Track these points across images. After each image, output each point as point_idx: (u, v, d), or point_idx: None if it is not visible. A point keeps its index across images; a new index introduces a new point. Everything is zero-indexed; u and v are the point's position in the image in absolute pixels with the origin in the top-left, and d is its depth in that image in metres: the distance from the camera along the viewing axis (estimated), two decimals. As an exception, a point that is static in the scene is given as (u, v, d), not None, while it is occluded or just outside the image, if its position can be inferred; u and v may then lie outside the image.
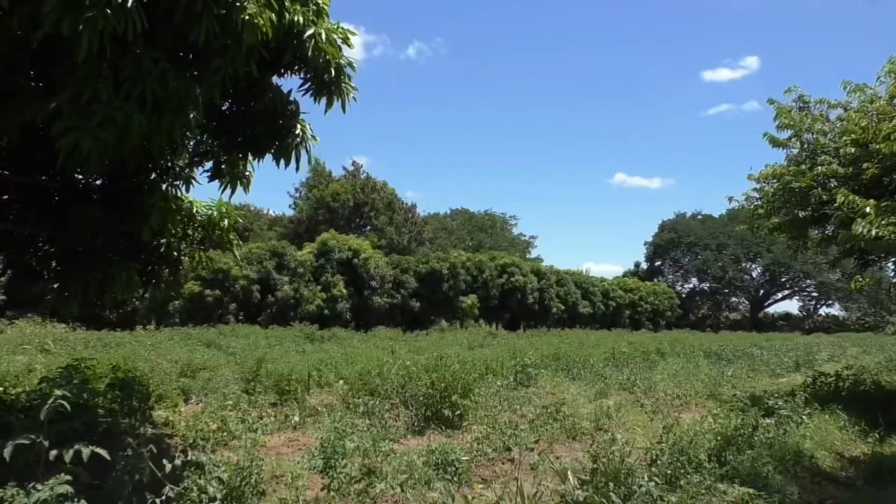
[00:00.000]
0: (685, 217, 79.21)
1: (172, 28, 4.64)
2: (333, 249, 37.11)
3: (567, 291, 50.62)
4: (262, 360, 12.35)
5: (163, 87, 4.54)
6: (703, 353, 21.58)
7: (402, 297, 39.28)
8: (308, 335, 26.69)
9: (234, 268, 32.38)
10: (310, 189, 54.33)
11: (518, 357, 14.82)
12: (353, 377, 11.90)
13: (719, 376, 15.11)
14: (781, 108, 13.06)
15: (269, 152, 6.44)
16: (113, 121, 4.33)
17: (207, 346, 19.34)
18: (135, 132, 4.42)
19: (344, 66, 5.91)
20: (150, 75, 4.45)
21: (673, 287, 71.48)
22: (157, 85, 4.48)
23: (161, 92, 4.55)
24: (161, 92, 4.55)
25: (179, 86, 4.64)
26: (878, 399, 11.72)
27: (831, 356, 24.36)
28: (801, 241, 14.22)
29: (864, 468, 7.73)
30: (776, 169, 13.27)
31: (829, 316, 77.60)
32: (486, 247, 62.54)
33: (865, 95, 12.05)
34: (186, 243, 7.93)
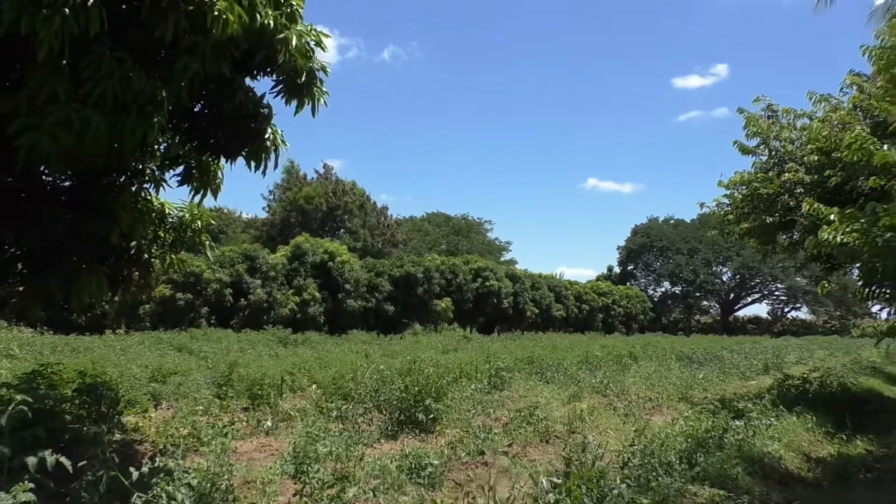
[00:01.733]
0: (657, 221, 79.98)
1: (140, 25, 4.57)
2: (307, 252, 36.87)
3: (541, 295, 50.83)
4: (235, 365, 12.21)
5: (125, 88, 4.46)
6: (674, 357, 21.79)
7: (376, 301, 39.12)
8: (281, 339, 26.46)
9: (207, 271, 32.00)
10: (283, 192, 53.95)
11: (492, 361, 14.84)
12: (326, 381, 11.82)
13: (691, 379, 15.27)
14: (750, 116, 13.33)
15: (241, 155, 6.38)
16: (68, 122, 4.26)
17: (179, 350, 19.08)
18: (94, 134, 4.34)
19: (316, 69, 5.88)
20: (111, 76, 4.37)
21: (645, 291, 72.15)
22: (119, 86, 4.40)
23: (123, 93, 4.47)
24: (123, 93, 4.47)
25: (144, 87, 4.57)
26: (844, 401, 11.94)
27: (799, 359, 24.73)
28: (769, 246, 14.49)
29: (830, 469, 7.85)
30: (745, 176, 13.52)
31: (797, 319, 78.92)
32: (462, 250, 62.57)
33: (830, 105, 12.34)
34: (157, 246, 7.83)
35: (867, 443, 9.24)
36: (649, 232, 77.75)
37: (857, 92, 11.85)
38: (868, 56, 10.55)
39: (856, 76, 12.45)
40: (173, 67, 4.89)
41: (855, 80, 12.33)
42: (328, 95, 6.12)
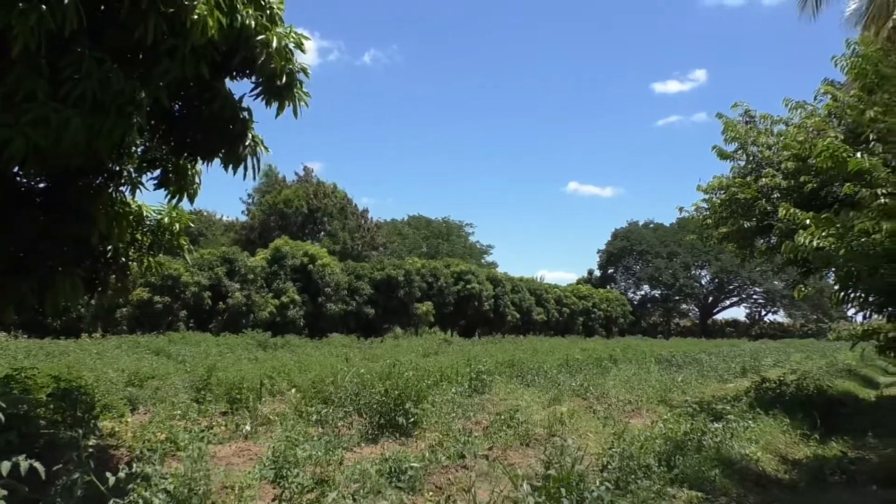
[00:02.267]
0: (637, 225, 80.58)
1: (120, 26, 4.52)
2: (287, 255, 36.71)
3: (522, 298, 50.98)
4: (213, 369, 12.11)
5: (104, 88, 4.41)
6: (654, 360, 21.96)
7: (356, 304, 39.02)
8: (260, 342, 26.31)
9: (185, 274, 31.72)
10: (262, 195, 53.65)
11: (473, 364, 14.85)
12: (306, 385, 11.76)
13: (670, 382, 15.38)
14: (728, 121, 13.49)
15: (219, 157, 6.33)
16: (46, 121, 4.20)
17: (156, 354, 18.88)
18: (72, 135, 4.29)
19: (296, 71, 5.85)
20: (91, 76, 4.32)
21: (625, 294, 72.61)
22: (99, 86, 4.35)
23: (102, 94, 4.42)
24: (102, 94, 4.42)
25: (123, 88, 4.52)
26: (820, 403, 12.08)
27: (776, 362, 25.01)
28: (747, 250, 14.66)
29: (805, 470, 7.94)
30: (723, 180, 13.68)
31: (774, 322, 79.90)
32: (443, 254, 62.60)
33: (806, 111, 12.53)
34: (135, 248, 7.74)
35: (842, 444, 9.35)
36: (629, 236, 78.31)
37: (831, 100, 12.05)
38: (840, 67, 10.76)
39: (829, 85, 12.66)
40: (152, 69, 4.85)
41: (829, 88, 12.55)
42: (309, 97, 6.09)
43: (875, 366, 24.55)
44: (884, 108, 9.34)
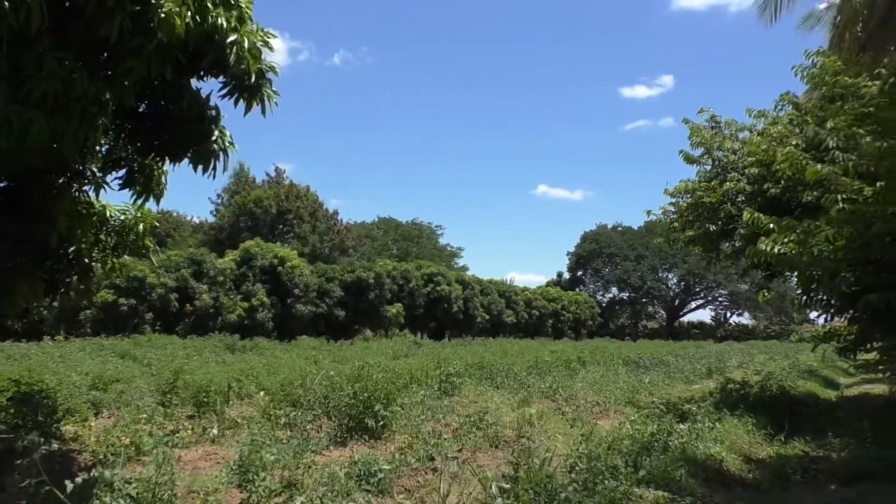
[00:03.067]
0: (606, 228, 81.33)
1: (84, 24, 4.44)
2: (256, 257, 36.38)
3: (491, 300, 51.14)
4: (180, 372, 11.94)
5: (67, 89, 4.32)
6: (622, 361, 22.16)
7: (326, 306, 38.79)
8: (228, 345, 26.05)
9: (151, 276, 31.24)
10: (232, 195, 53.09)
11: (443, 366, 14.85)
12: (274, 388, 11.65)
13: (637, 383, 15.53)
14: (694, 127, 13.74)
15: (187, 157, 6.26)
16: (8, 123, 4.10)
17: (121, 357, 18.60)
18: (34, 137, 4.19)
19: (266, 70, 5.80)
20: (54, 76, 4.23)
21: (594, 296, 73.24)
22: (62, 87, 4.26)
23: (65, 95, 4.32)
24: (65, 95, 4.32)
25: (87, 89, 4.43)
26: (783, 403, 12.29)
27: (741, 363, 25.37)
28: (713, 253, 14.90)
29: (769, 470, 8.07)
30: (689, 184, 13.90)
31: (739, 324, 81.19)
32: (413, 256, 62.55)
33: (768, 119, 12.84)
34: (98, 249, 7.61)
35: (804, 444, 9.53)
36: (598, 238, 79.01)
37: (793, 109, 12.35)
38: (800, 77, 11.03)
39: (786, 94, 12.98)
40: (118, 68, 4.76)
41: (788, 98, 12.86)
42: (279, 96, 6.05)
43: (836, 367, 25.07)
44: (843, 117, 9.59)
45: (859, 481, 7.39)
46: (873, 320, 9.45)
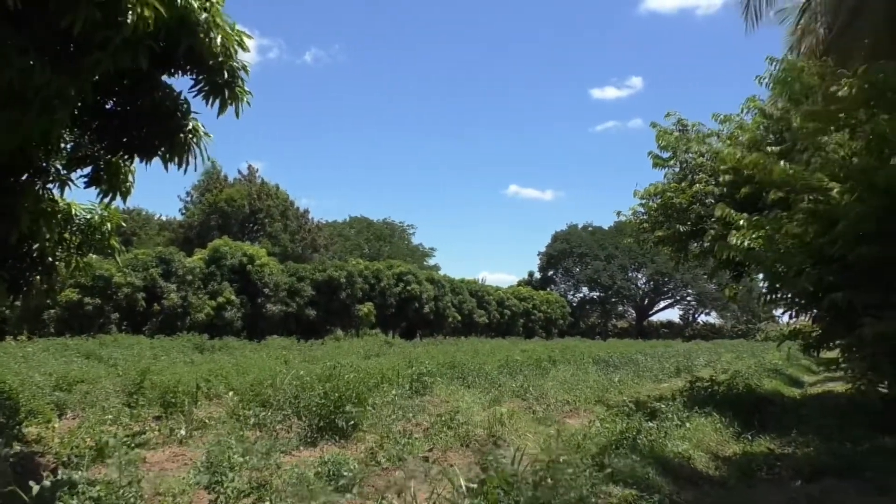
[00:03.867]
0: (577, 228, 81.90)
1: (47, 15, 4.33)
2: (225, 256, 35.99)
3: (463, 300, 51.22)
4: (147, 372, 11.77)
5: (26, 80, 4.21)
6: (592, 360, 22.34)
7: (297, 306, 38.53)
8: (197, 345, 25.75)
9: (118, 275, 30.73)
10: (202, 193, 52.39)
11: (414, 366, 14.84)
12: (244, 388, 11.54)
13: (607, 382, 15.68)
14: (661, 130, 13.92)
15: (158, 154, 6.16)
16: None
17: (86, 357, 18.27)
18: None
19: (238, 68, 5.73)
20: (11, 67, 4.12)
21: (565, 296, 73.74)
22: (19, 79, 4.15)
23: (23, 86, 4.21)
24: (23, 86, 4.21)
25: (49, 81, 4.33)
26: (749, 401, 12.50)
27: (708, 362, 25.73)
28: (681, 253, 15.11)
29: (735, 467, 8.20)
30: (659, 186, 14.08)
31: (707, 323, 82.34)
32: (385, 255, 62.40)
33: (734, 123, 13.07)
34: (63, 248, 7.46)
35: (769, 441, 9.69)
36: (569, 238, 79.53)
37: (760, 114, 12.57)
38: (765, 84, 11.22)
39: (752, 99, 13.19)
40: (82, 62, 4.66)
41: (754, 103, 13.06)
42: (251, 96, 5.98)
43: (800, 365, 25.58)
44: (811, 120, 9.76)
45: (822, 477, 7.54)
46: (836, 319, 9.64)
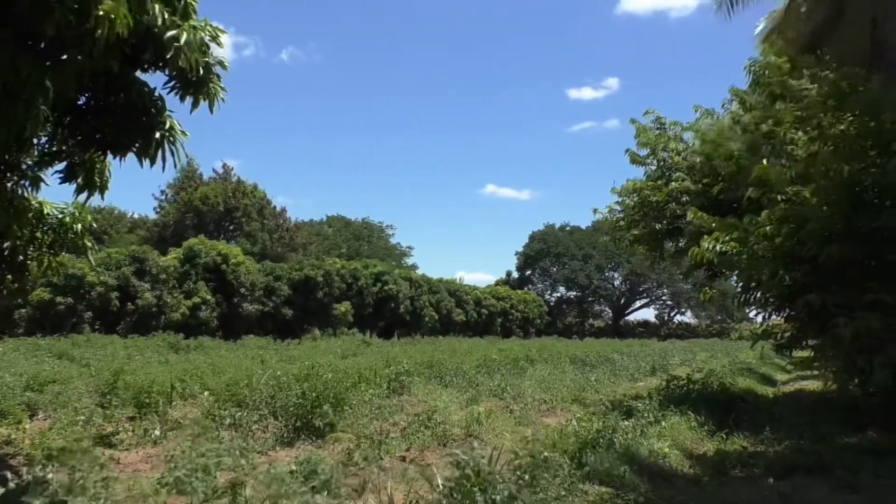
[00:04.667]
0: (554, 228, 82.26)
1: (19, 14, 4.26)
2: (200, 254, 35.64)
3: (440, 299, 51.22)
4: (120, 372, 11.60)
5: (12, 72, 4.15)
6: (569, 360, 22.44)
7: (274, 305, 38.29)
8: (172, 345, 25.49)
9: (90, 274, 30.31)
10: (177, 192, 51.84)
11: (392, 365, 14.81)
12: (220, 388, 11.43)
13: (584, 381, 15.76)
14: (640, 127, 14.00)
15: (132, 150, 6.08)
16: None
17: (59, 357, 18.02)
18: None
19: (213, 65, 5.67)
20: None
21: (542, 295, 74.01)
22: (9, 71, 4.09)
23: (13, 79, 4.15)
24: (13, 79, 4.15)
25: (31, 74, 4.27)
26: (723, 400, 12.63)
27: (683, 361, 25.98)
28: (657, 252, 15.24)
29: (709, 465, 8.28)
30: (636, 184, 14.17)
31: (682, 323, 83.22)
32: (363, 255, 62.19)
33: (713, 119, 13.16)
34: (35, 247, 7.35)
35: (743, 439, 9.80)
36: (546, 238, 79.86)
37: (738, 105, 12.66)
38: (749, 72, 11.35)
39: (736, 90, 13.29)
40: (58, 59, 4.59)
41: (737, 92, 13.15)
42: (226, 92, 5.93)
43: (773, 364, 25.91)
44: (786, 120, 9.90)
45: (794, 475, 7.63)
46: (808, 319, 9.76)
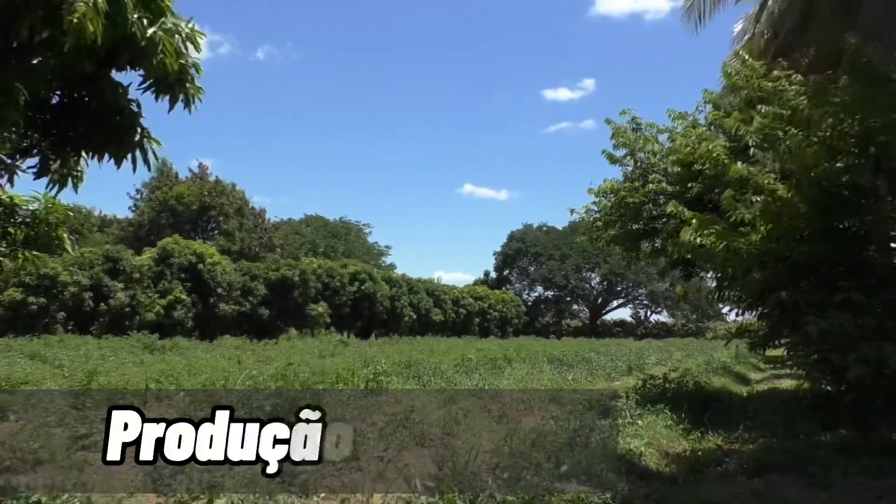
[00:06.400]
0: (532, 228, 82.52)
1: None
2: (174, 254, 35.29)
3: (419, 299, 51.20)
4: (94, 373, 11.50)
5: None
6: (546, 359, 22.52)
7: (250, 305, 38.03)
8: (147, 345, 25.19)
9: (63, 273, 29.91)
10: (152, 191, 51.23)
11: (370, 365, 14.78)
12: (196, 389, 11.34)
13: (561, 381, 15.85)
14: (617, 128, 14.10)
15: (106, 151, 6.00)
16: None
17: (31, 358, 17.74)
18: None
19: (189, 66, 5.61)
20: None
21: (520, 295, 74.25)
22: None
23: None
24: None
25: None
26: (699, 399, 12.77)
27: (659, 360, 26.20)
28: (633, 252, 15.38)
29: (684, 463, 8.39)
30: (613, 184, 14.28)
31: (658, 322, 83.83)
32: (341, 254, 61.94)
33: (687, 121, 13.31)
34: (7, 243, 7.23)
35: (717, 438, 9.93)
36: (524, 238, 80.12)
37: (713, 109, 12.83)
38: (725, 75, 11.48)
39: (710, 93, 13.46)
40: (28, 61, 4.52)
41: (711, 96, 13.33)
42: (203, 93, 5.87)
43: (748, 363, 26.24)
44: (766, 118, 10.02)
45: (768, 472, 7.75)
46: (782, 317, 9.92)
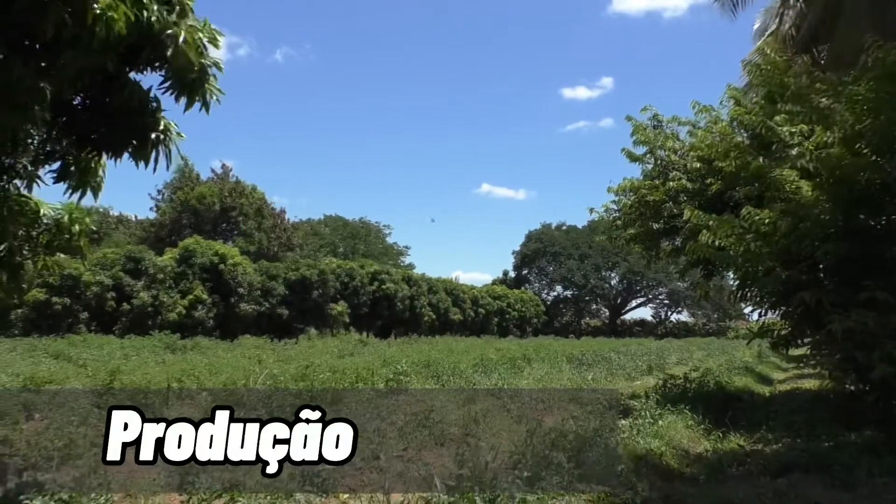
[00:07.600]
0: (550, 227, 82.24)
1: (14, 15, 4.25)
2: (196, 254, 35.59)
3: (438, 299, 51.21)
4: (117, 372, 11.62)
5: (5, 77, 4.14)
6: (566, 359, 22.46)
7: (270, 305, 38.25)
8: (169, 345, 25.44)
9: (86, 274, 30.25)
10: (174, 191, 51.69)
11: (389, 365, 14.82)
12: (217, 388, 11.43)
13: (580, 380, 15.79)
14: (637, 125, 13.97)
15: (127, 151, 6.06)
16: None
17: (55, 357, 17.99)
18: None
19: (208, 66, 5.65)
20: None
21: (539, 295, 74.03)
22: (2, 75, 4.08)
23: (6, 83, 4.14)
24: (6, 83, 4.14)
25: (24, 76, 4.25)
26: (720, 399, 12.68)
27: (680, 359, 26.04)
28: (653, 251, 15.24)
29: (706, 464, 8.31)
30: (633, 182, 14.16)
31: (679, 322, 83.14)
32: (360, 254, 62.13)
33: (711, 116, 13.15)
34: (30, 247, 7.31)
35: (739, 438, 9.83)
36: (543, 237, 79.85)
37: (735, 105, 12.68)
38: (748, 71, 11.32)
39: (734, 89, 13.29)
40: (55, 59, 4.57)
41: (733, 93, 13.16)
42: (223, 94, 5.91)
43: (770, 363, 25.98)
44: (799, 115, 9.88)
45: (790, 473, 7.66)
46: (804, 316, 9.79)
